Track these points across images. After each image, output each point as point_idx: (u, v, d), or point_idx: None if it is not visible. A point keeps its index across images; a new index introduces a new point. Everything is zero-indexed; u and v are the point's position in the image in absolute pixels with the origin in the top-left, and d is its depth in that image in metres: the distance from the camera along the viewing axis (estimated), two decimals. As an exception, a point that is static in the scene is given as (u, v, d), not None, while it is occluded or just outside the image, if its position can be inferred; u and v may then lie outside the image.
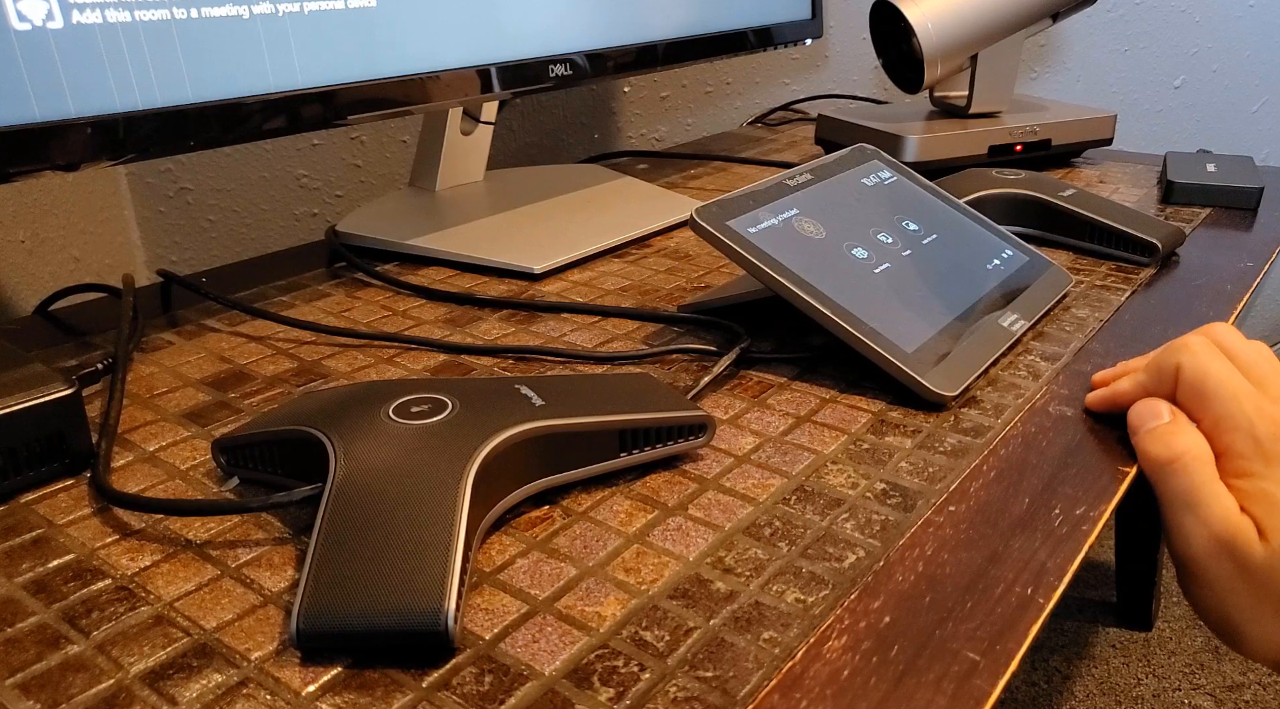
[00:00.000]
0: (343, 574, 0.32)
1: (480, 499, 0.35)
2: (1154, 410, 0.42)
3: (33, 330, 0.59)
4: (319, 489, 0.36)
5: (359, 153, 0.95)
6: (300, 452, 0.38)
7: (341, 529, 0.33)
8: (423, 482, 0.35)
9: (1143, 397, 0.44)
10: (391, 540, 0.33)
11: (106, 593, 0.35)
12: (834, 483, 0.41)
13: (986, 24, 0.88)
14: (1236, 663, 1.22)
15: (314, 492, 0.36)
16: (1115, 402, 0.45)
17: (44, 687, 0.30)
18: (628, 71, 0.79)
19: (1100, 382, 0.48)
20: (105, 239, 0.80)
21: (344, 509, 0.34)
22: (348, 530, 0.33)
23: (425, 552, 0.32)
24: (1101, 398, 0.46)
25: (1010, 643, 0.32)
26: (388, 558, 0.32)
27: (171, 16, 0.50)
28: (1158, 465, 0.40)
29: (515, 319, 0.59)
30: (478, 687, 0.30)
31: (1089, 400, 0.47)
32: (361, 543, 0.33)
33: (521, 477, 0.38)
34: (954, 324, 0.52)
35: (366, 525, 0.33)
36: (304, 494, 0.36)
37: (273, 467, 0.40)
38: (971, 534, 0.38)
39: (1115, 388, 0.45)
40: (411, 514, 0.33)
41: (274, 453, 0.40)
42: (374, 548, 0.32)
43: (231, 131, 0.53)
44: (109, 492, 0.39)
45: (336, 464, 0.36)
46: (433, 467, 0.35)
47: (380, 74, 0.60)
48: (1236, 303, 0.61)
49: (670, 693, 0.30)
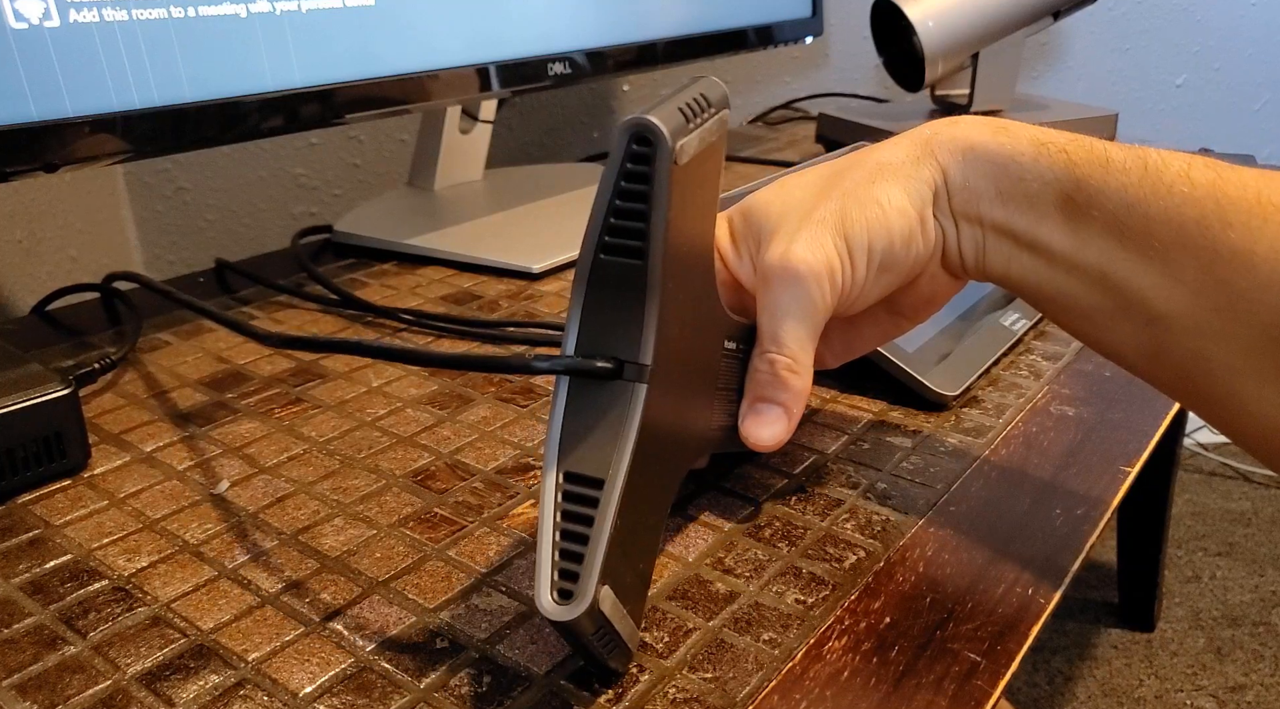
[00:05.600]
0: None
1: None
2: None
3: (30, 330, 0.59)
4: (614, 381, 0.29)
5: (357, 152, 0.95)
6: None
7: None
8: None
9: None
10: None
11: (104, 594, 0.35)
12: (834, 483, 0.41)
13: (987, 22, 0.88)
14: (1239, 664, 1.22)
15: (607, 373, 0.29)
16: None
17: (41, 688, 0.30)
18: (627, 70, 0.78)
19: None
20: (103, 238, 0.80)
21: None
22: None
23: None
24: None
25: (1011, 643, 0.32)
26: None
27: (169, 15, 0.49)
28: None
29: (516, 316, 0.59)
30: (476, 688, 0.30)
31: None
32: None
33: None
34: (955, 323, 0.52)
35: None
36: (597, 370, 0.29)
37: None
38: (972, 534, 0.37)
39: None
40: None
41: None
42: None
43: (229, 130, 0.53)
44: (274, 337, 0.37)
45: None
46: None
47: (378, 73, 0.59)
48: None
49: (669, 694, 0.30)
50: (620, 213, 0.28)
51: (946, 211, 0.35)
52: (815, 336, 0.35)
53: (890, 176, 0.35)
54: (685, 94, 0.29)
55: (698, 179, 0.30)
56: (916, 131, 0.37)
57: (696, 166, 0.29)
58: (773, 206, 0.37)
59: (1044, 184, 0.34)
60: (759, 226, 0.37)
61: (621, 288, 0.29)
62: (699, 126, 0.29)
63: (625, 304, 0.29)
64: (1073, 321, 0.35)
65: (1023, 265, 0.35)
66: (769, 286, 0.35)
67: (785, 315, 0.35)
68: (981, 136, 0.35)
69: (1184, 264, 0.31)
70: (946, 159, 0.35)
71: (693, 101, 0.29)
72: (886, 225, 0.35)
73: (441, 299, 0.62)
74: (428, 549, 0.37)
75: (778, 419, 0.36)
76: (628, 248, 0.28)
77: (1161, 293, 0.32)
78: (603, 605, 0.27)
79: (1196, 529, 1.48)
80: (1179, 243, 0.31)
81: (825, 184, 0.37)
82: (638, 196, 0.27)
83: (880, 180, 0.35)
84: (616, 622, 0.28)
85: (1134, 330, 0.33)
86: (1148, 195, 0.32)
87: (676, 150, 0.27)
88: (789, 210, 0.36)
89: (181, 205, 0.85)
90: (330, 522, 0.39)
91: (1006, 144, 0.34)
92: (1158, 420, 0.46)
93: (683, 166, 0.28)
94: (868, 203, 0.35)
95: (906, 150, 0.36)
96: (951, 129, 0.36)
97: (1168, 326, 0.32)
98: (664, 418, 0.31)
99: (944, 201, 0.35)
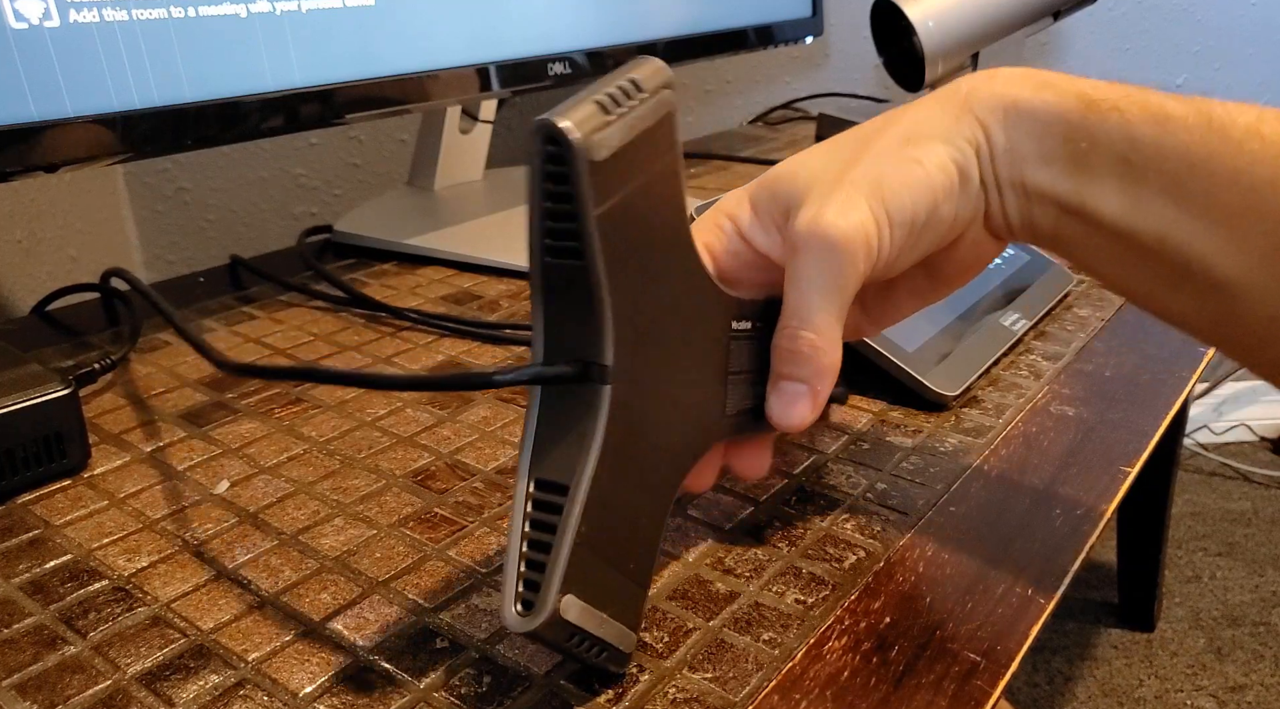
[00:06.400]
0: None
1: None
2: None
3: (30, 330, 0.59)
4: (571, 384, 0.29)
5: (357, 152, 0.94)
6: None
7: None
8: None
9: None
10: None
11: (104, 594, 0.35)
12: (834, 483, 0.41)
13: (987, 22, 0.88)
14: (1239, 664, 1.22)
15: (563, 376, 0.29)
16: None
17: (41, 688, 0.30)
18: (627, 70, 0.78)
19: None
20: (103, 238, 0.80)
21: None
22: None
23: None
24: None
25: (1011, 644, 0.32)
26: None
27: (169, 15, 0.49)
28: None
29: (515, 316, 0.59)
30: (476, 688, 0.30)
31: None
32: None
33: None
34: (955, 323, 0.52)
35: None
36: (554, 374, 0.29)
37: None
38: (972, 535, 0.37)
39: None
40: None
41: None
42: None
43: (229, 130, 0.53)
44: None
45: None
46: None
47: (378, 73, 0.59)
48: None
49: (669, 694, 0.30)
50: (551, 215, 0.27)
51: (990, 175, 0.33)
52: (845, 308, 0.33)
53: (928, 136, 0.33)
54: (608, 83, 0.28)
55: (637, 165, 0.28)
56: (952, 88, 0.34)
57: (631, 154, 0.28)
58: (800, 174, 0.34)
59: (1094, 144, 0.31)
60: (786, 195, 0.34)
61: (573, 289, 0.28)
62: (623, 115, 0.27)
63: (581, 305, 0.28)
64: (1129, 289, 0.33)
65: (1073, 230, 0.32)
66: (797, 255, 0.32)
67: (813, 286, 0.32)
68: (1024, 92, 0.32)
69: (1252, 229, 0.28)
70: (987, 117, 0.32)
71: (616, 90, 0.28)
72: (929, 184, 0.32)
73: (441, 299, 0.62)
74: (428, 549, 0.37)
75: (802, 399, 0.34)
76: (567, 249, 0.27)
77: (1227, 259, 0.29)
78: (567, 614, 0.27)
79: (1196, 529, 1.48)
80: (1247, 206, 0.28)
81: (857, 146, 0.34)
82: (563, 197, 0.27)
83: (918, 139, 0.33)
84: (593, 628, 0.28)
85: (1197, 298, 0.31)
86: (1212, 154, 0.29)
87: (591, 146, 0.26)
88: (818, 175, 0.34)
89: (181, 205, 0.85)
90: (330, 522, 0.39)
91: (1051, 101, 0.32)
92: (1158, 420, 0.46)
93: (606, 160, 0.27)
94: (906, 162, 0.32)
95: (943, 108, 0.33)
96: (990, 84, 0.33)
97: (1235, 295, 0.29)
98: (645, 414, 0.30)
99: (987, 164, 0.33)
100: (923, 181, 0.32)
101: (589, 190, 0.26)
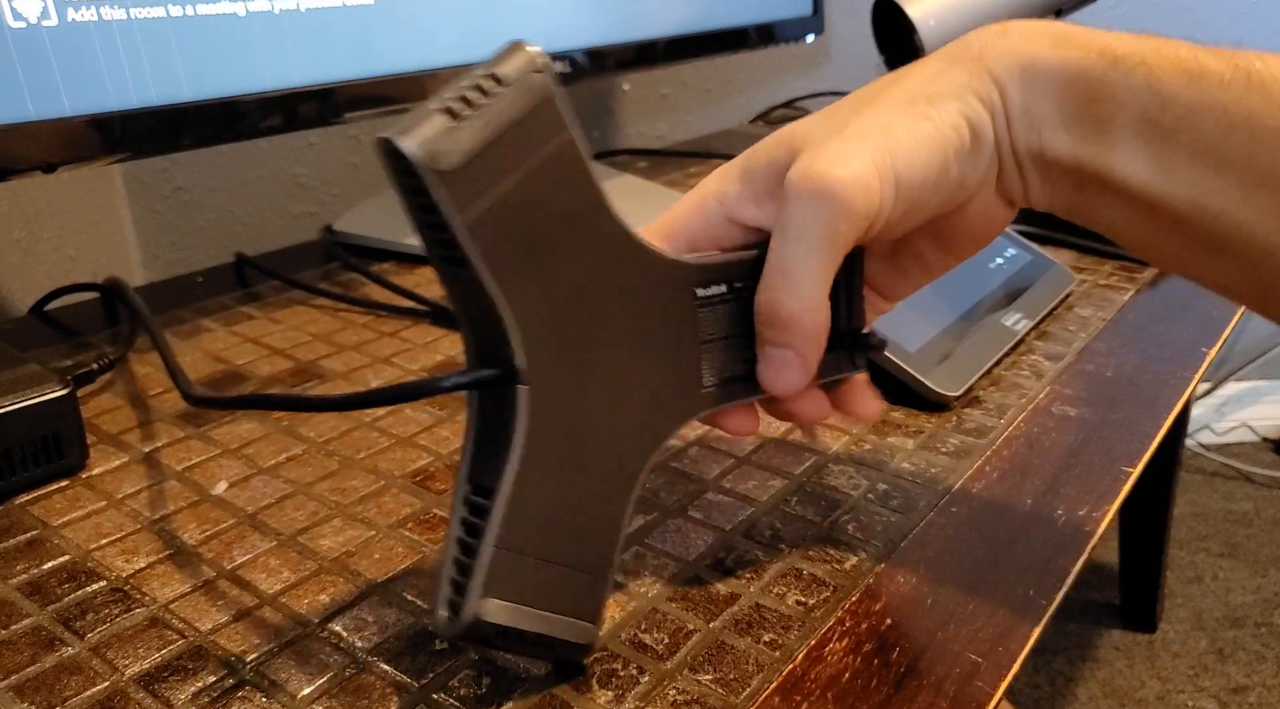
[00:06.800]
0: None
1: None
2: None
3: (28, 330, 0.59)
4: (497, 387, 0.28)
5: (356, 151, 0.94)
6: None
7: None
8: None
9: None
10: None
11: (101, 595, 0.35)
12: (835, 484, 0.41)
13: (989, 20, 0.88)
14: (1241, 665, 1.22)
15: (489, 380, 0.28)
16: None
17: (38, 689, 0.30)
18: (627, 69, 0.78)
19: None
20: (101, 238, 0.80)
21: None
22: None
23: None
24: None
25: (1013, 645, 0.31)
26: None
27: (167, 14, 0.49)
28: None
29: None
30: (476, 689, 0.30)
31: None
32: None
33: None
34: (956, 324, 0.51)
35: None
36: (478, 378, 0.28)
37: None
38: (973, 535, 0.37)
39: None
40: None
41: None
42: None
43: (228, 130, 0.53)
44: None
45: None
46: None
47: (377, 71, 0.59)
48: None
49: (670, 696, 0.29)
50: (426, 226, 0.27)
51: (1006, 138, 0.31)
52: (833, 265, 0.30)
53: (940, 93, 0.30)
54: (461, 83, 0.27)
55: (511, 160, 0.27)
56: (962, 44, 0.31)
57: (496, 151, 0.26)
58: (796, 132, 0.32)
59: (1118, 104, 0.28)
60: (783, 159, 0.32)
61: (474, 293, 0.27)
62: (478, 114, 0.26)
63: (487, 308, 0.27)
64: (1161, 258, 0.31)
65: (1095, 199, 0.30)
66: (787, 205, 0.30)
67: (801, 238, 0.30)
68: (1040, 49, 0.30)
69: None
70: (1003, 76, 0.30)
71: (470, 89, 0.27)
72: (939, 141, 0.30)
73: (440, 299, 0.62)
74: (427, 550, 0.37)
75: (788, 364, 0.32)
76: (452, 257, 0.27)
77: (1270, 225, 0.27)
78: (491, 617, 0.27)
79: (1198, 530, 1.48)
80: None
81: (860, 103, 0.32)
82: (427, 208, 0.26)
83: (929, 96, 0.30)
84: (530, 626, 0.28)
85: (1236, 266, 0.29)
86: (1251, 113, 0.26)
87: (437, 157, 0.25)
88: (815, 130, 0.31)
89: (180, 205, 0.84)
90: (329, 522, 0.39)
91: (1071, 58, 0.29)
92: (1159, 421, 0.46)
93: (460, 167, 0.26)
94: (914, 117, 0.30)
95: (955, 65, 0.31)
96: (1005, 41, 0.30)
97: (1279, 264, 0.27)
98: (583, 405, 0.29)
99: (1002, 126, 0.30)
100: (932, 137, 0.30)
101: (448, 200, 0.26)
